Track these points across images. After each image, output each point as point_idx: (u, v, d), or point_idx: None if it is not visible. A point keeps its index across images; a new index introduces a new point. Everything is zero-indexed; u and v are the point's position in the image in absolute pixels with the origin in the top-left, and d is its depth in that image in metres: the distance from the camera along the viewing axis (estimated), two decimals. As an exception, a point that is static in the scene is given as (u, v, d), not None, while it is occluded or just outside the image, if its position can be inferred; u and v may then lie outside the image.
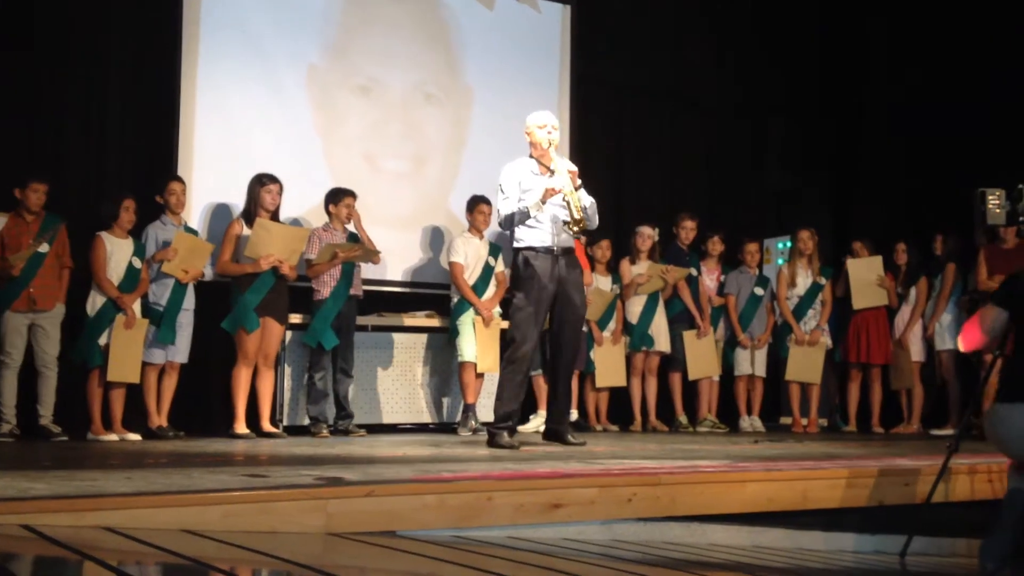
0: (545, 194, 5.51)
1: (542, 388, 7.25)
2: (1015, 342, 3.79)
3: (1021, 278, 3.82)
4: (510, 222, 5.62)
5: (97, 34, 6.91)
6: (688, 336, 7.86)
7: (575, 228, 5.54)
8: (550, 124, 5.71)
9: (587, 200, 5.68)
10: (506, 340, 5.82)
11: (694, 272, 7.96)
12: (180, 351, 6.40)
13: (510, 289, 5.81)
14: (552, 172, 5.63)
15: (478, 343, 6.94)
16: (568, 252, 5.70)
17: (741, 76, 9.37)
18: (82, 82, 6.87)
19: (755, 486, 3.98)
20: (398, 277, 7.59)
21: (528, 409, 7.30)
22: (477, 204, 7.15)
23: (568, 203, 5.52)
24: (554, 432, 5.76)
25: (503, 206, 5.64)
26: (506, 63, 8.15)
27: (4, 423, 5.90)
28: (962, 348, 4.07)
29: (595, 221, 5.86)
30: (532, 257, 5.58)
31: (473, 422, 6.89)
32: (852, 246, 8.04)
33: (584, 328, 7.54)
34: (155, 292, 6.34)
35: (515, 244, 5.69)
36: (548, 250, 5.60)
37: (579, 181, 5.66)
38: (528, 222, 5.59)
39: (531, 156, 5.77)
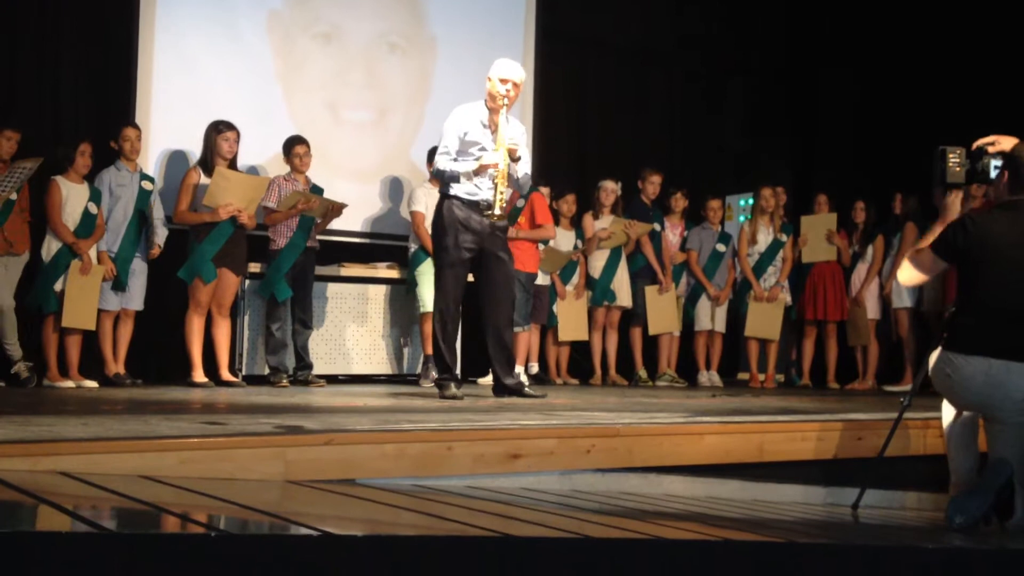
0: (479, 168, 5.31)
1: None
2: (965, 293, 3.83)
3: (968, 229, 3.80)
4: (441, 177, 5.46)
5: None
6: (649, 291, 7.89)
7: (491, 213, 5.28)
8: (512, 80, 5.36)
9: (523, 170, 5.44)
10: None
11: (658, 227, 7.97)
12: (134, 298, 6.34)
13: (432, 237, 5.60)
14: (497, 130, 5.40)
15: (427, 287, 6.86)
16: (491, 207, 5.40)
17: (705, 32, 9.35)
18: (37, 26, 6.70)
19: (712, 439, 4.02)
20: (359, 228, 7.54)
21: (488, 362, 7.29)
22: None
23: (495, 186, 5.25)
24: (505, 388, 5.54)
25: (440, 160, 5.43)
26: (471, 14, 8.08)
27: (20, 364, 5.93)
28: (902, 281, 4.11)
29: (524, 191, 5.81)
30: (457, 207, 5.37)
31: (434, 373, 6.88)
32: (816, 198, 8.11)
33: (547, 282, 7.57)
34: (108, 239, 6.26)
35: (442, 189, 5.50)
36: (474, 204, 5.38)
37: (520, 152, 5.38)
38: None
39: (485, 104, 5.48)
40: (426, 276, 6.91)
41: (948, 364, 3.76)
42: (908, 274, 3.98)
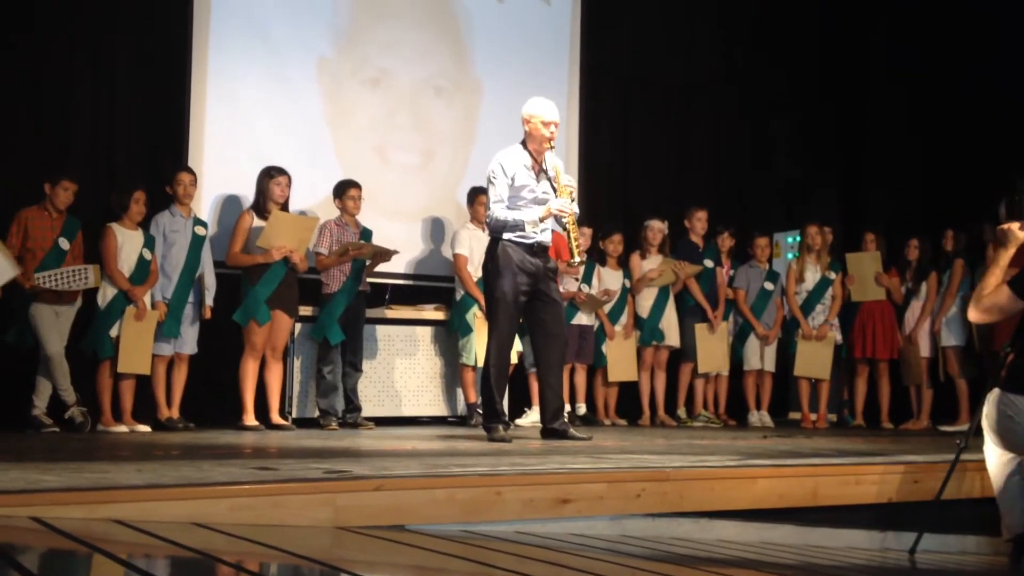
0: (544, 215, 5.35)
1: (535, 385, 7.26)
2: None
3: None
4: (502, 228, 5.38)
5: (107, 24, 6.90)
6: (699, 329, 7.83)
7: (573, 261, 5.38)
8: (555, 123, 5.46)
9: (575, 208, 5.51)
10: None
11: (709, 264, 7.92)
12: (188, 343, 6.41)
13: (486, 280, 5.57)
14: (543, 171, 5.46)
15: (478, 338, 6.86)
16: (544, 249, 5.51)
17: (749, 69, 9.34)
18: (91, 73, 6.86)
19: (765, 482, 3.97)
20: (407, 270, 7.58)
21: (524, 403, 7.31)
22: (477, 196, 7.06)
23: (568, 233, 5.33)
24: (554, 432, 5.51)
25: (497, 209, 5.40)
26: (515, 55, 8.14)
27: (74, 408, 6.00)
28: (972, 319, 4.08)
29: None
30: (510, 249, 5.37)
31: (480, 418, 6.86)
32: (864, 237, 8.03)
33: (592, 322, 7.55)
34: (161, 284, 6.34)
35: (494, 234, 5.47)
36: (528, 246, 5.40)
37: (575, 195, 5.49)
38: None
39: (523, 145, 5.52)
40: (478, 327, 6.88)
41: (1009, 406, 3.71)
42: (979, 314, 3.93)
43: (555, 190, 5.42)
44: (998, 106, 8.23)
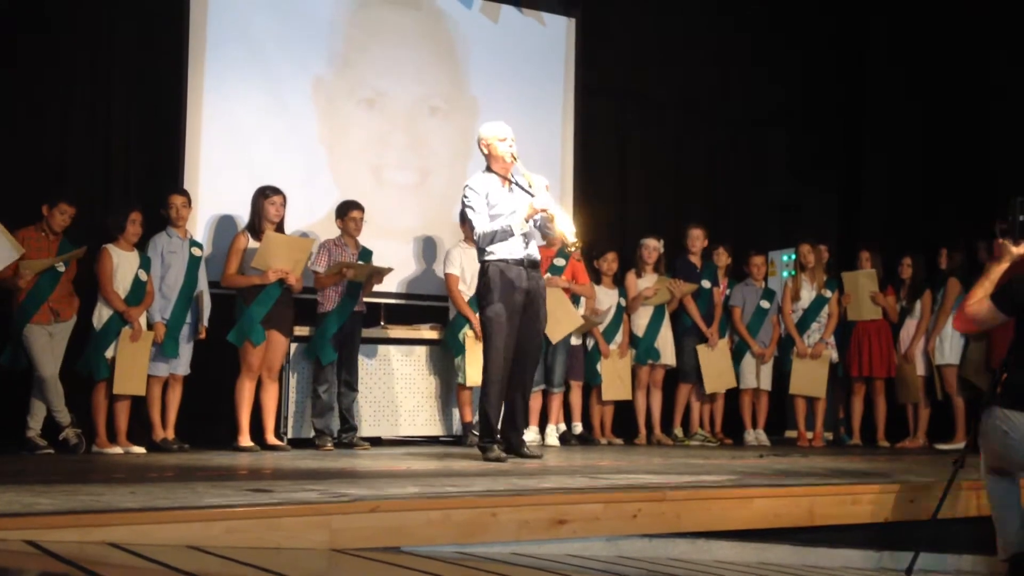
0: (530, 212, 5.37)
1: (534, 404, 7.27)
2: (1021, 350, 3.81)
3: (1020, 285, 3.82)
4: (491, 240, 5.43)
5: (103, 45, 6.93)
6: (701, 350, 7.82)
7: (572, 248, 5.40)
8: (510, 137, 5.54)
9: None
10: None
11: (706, 284, 7.92)
12: (182, 364, 6.40)
13: (480, 301, 5.62)
14: (512, 183, 5.51)
15: (470, 357, 6.85)
16: (536, 264, 5.56)
17: (745, 87, 9.37)
18: (87, 95, 6.88)
19: (761, 502, 3.96)
20: (402, 289, 7.58)
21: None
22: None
23: (556, 223, 5.34)
24: (508, 443, 5.55)
25: (480, 224, 5.45)
26: (511, 75, 8.16)
27: (69, 430, 5.98)
28: (957, 328, 4.13)
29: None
30: (504, 268, 5.42)
31: (474, 437, 6.85)
32: (859, 255, 8.03)
33: (579, 341, 7.54)
34: (159, 306, 6.34)
35: (485, 257, 5.52)
36: (519, 262, 5.45)
37: (549, 187, 5.51)
38: None
39: (490, 170, 5.60)
40: (470, 346, 6.89)
41: (1005, 422, 3.72)
42: (962, 323, 3.99)
43: (532, 196, 5.44)
44: (998, 118, 8.26)
